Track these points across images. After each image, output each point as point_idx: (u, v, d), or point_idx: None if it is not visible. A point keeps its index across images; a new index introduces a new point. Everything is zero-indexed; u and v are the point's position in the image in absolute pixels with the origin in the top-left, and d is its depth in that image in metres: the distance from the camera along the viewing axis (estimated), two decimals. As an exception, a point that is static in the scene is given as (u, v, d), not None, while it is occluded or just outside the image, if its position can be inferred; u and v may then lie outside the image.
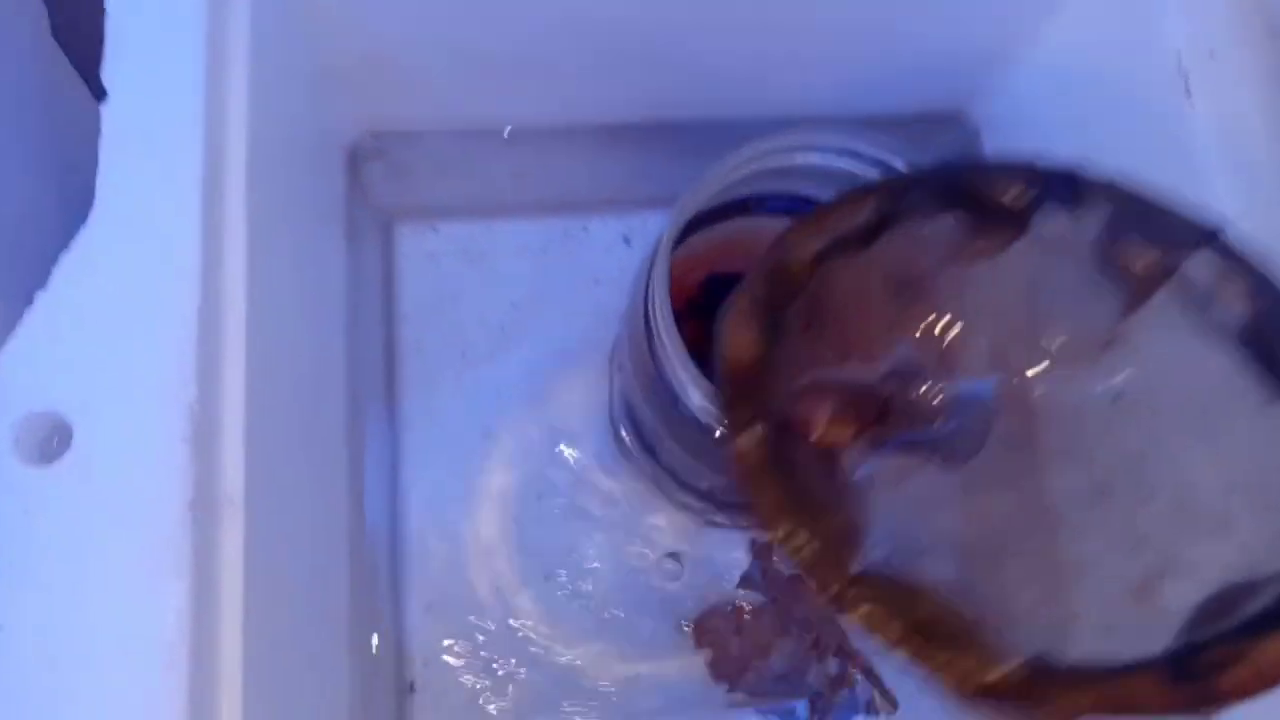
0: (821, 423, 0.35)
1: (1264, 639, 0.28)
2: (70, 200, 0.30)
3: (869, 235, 0.33)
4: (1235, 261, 0.31)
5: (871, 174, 0.41)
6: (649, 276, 0.37)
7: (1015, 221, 0.33)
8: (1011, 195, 0.33)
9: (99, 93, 0.30)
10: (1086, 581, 0.34)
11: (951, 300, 0.37)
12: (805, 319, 0.34)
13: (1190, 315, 0.32)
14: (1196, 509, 0.33)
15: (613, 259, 0.51)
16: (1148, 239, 0.32)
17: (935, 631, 0.28)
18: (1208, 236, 0.31)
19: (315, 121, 0.42)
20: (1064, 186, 0.33)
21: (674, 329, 0.34)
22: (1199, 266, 0.31)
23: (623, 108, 0.47)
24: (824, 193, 0.43)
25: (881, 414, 0.37)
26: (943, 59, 0.46)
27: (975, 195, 0.33)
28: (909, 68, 0.46)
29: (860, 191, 0.33)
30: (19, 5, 0.36)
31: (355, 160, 0.47)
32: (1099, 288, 0.33)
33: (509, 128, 0.48)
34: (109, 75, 0.29)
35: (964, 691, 0.28)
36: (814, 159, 0.40)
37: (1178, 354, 0.34)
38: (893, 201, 0.33)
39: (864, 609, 0.28)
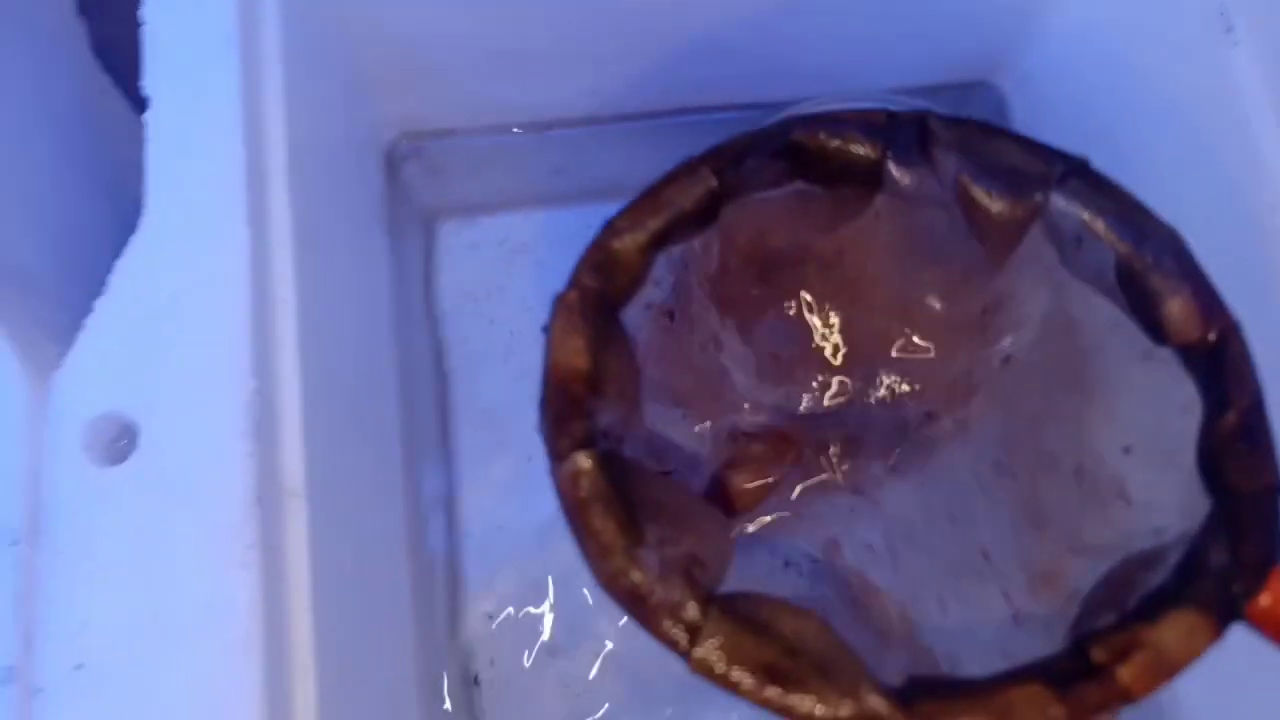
0: (748, 490, 0.34)
1: (1162, 620, 0.25)
2: (120, 211, 0.31)
3: (709, 211, 0.30)
4: (1102, 197, 0.28)
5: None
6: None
7: (866, 179, 0.30)
8: (853, 150, 0.29)
9: (140, 105, 0.31)
10: (988, 575, 0.32)
11: (823, 274, 0.35)
12: (669, 313, 0.32)
13: (1066, 263, 0.30)
14: (1096, 475, 0.31)
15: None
16: (1002, 180, 0.29)
17: (789, 671, 0.24)
18: (1068, 171, 0.29)
19: (350, 124, 0.42)
20: (909, 134, 0.29)
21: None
22: (1064, 206, 0.28)
23: (655, 95, 0.47)
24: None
25: (796, 452, 0.36)
26: (968, 23, 0.46)
27: (816, 155, 0.30)
28: (934, 35, 0.46)
29: (691, 163, 0.30)
30: (60, 24, 0.37)
31: (392, 161, 0.48)
32: (968, 241, 0.30)
33: (515, 128, 0.49)
34: (149, 86, 0.30)
35: None
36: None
37: (1059, 307, 0.32)
38: (728, 170, 0.29)
39: (709, 653, 0.24)
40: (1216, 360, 0.27)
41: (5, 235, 0.31)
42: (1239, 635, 0.25)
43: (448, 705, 0.43)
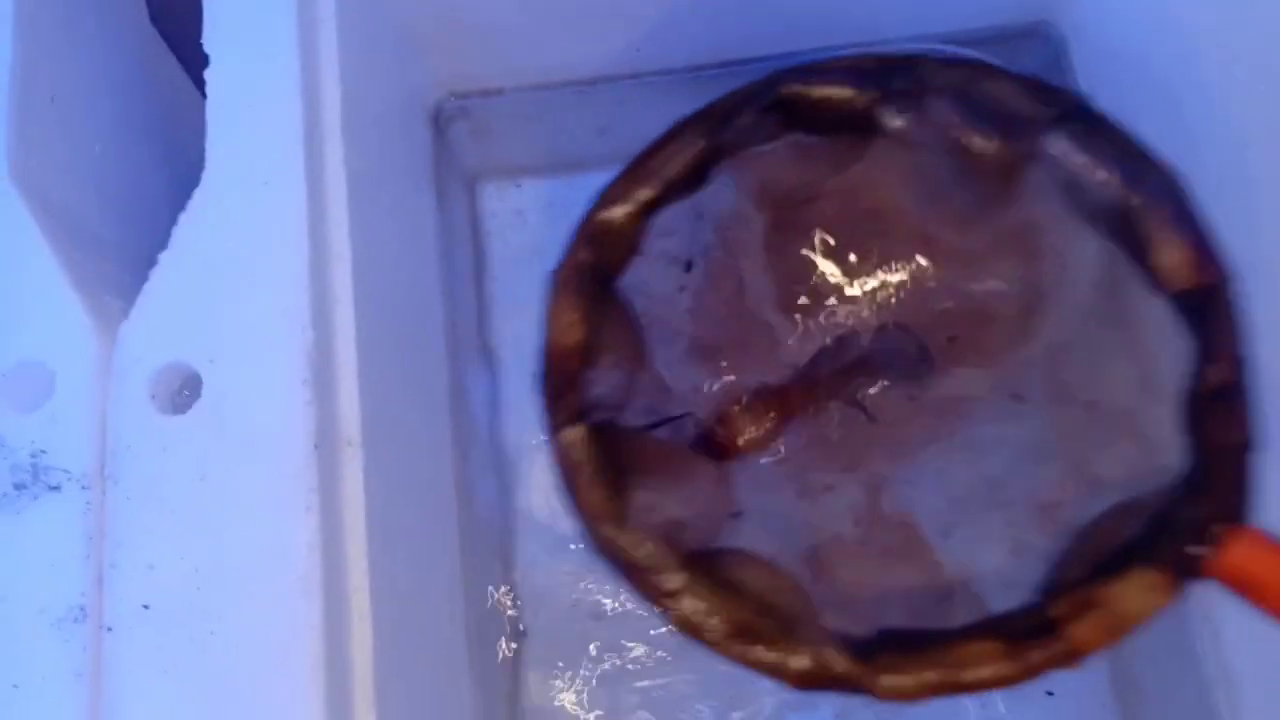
0: (743, 432, 0.34)
1: (1123, 577, 0.25)
2: (179, 175, 0.31)
3: (701, 171, 0.30)
4: (1098, 139, 0.28)
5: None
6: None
7: (861, 125, 0.30)
8: (844, 98, 0.29)
9: (198, 74, 0.31)
10: (994, 504, 0.32)
11: (837, 210, 0.34)
12: (686, 264, 0.32)
13: (1069, 203, 0.29)
14: (1109, 409, 0.30)
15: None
16: (994, 124, 0.28)
17: (758, 629, 0.26)
18: (1065, 114, 0.28)
19: (400, 83, 0.43)
20: (901, 79, 0.29)
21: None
22: (1058, 149, 0.28)
23: (700, 49, 0.47)
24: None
25: (805, 392, 0.35)
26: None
27: (807, 106, 0.29)
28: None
29: (679, 126, 0.30)
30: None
31: (439, 122, 0.48)
32: (969, 180, 0.30)
33: (559, 85, 0.49)
34: (210, 44, 0.31)
35: (789, 682, 0.26)
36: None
37: (1067, 244, 0.31)
38: (720, 130, 0.29)
39: (686, 609, 0.26)
40: (1206, 312, 0.26)
41: (72, 195, 0.32)
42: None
43: (501, 653, 0.44)
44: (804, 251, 0.35)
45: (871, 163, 0.32)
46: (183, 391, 0.29)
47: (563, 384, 0.27)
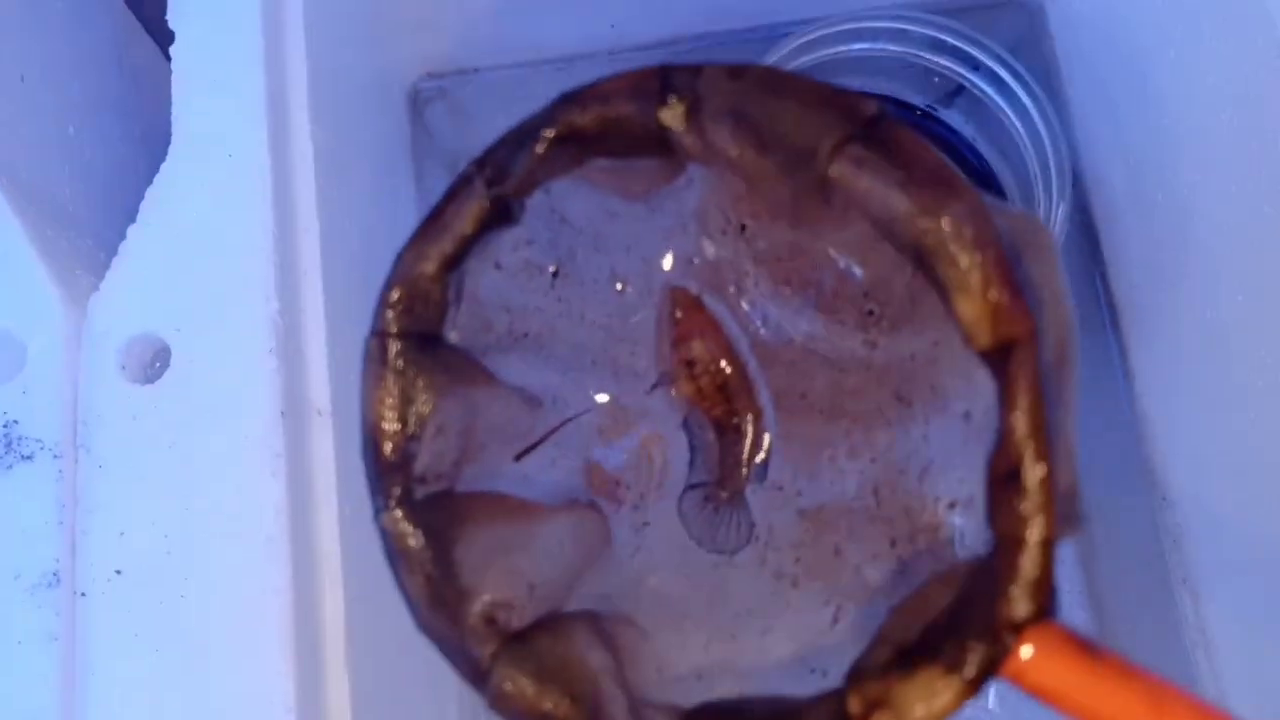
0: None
1: (914, 674, 0.22)
2: (151, 151, 0.32)
3: (501, 215, 0.28)
4: (889, 162, 0.23)
5: (929, 60, 0.40)
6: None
7: (661, 145, 0.26)
8: (631, 122, 0.26)
9: (166, 46, 0.32)
10: (878, 516, 0.30)
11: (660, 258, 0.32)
12: (553, 272, 0.30)
13: (879, 229, 0.25)
14: (983, 425, 0.26)
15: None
16: (777, 152, 0.25)
17: (562, 715, 0.25)
18: (851, 136, 0.24)
19: (372, 62, 0.43)
20: (681, 92, 0.25)
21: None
22: (846, 175, 0.24)
23: (677, 23, 0.47)
24: (890, 87, 0.43)
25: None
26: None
27: (596, 133, 0.27)
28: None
29: (467, 173, 0.28)
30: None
31: (417, 103, 0.48)
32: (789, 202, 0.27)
33: (536, 64, 0.49)
34: (174, 20, 0.31)
35: None
36: (864, 46, 0.40)
37: (887, 274, 0.28)
38: (507, 170, 0.27)
39: (497, 694, 0.25)
40: (1007, 375, 0.22)
41: (42, 171, 0.33)
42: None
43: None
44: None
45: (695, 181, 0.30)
46: (154, 363, 0.30)
47: (384, 466, 0.26)
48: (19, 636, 0.27)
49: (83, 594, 0.27)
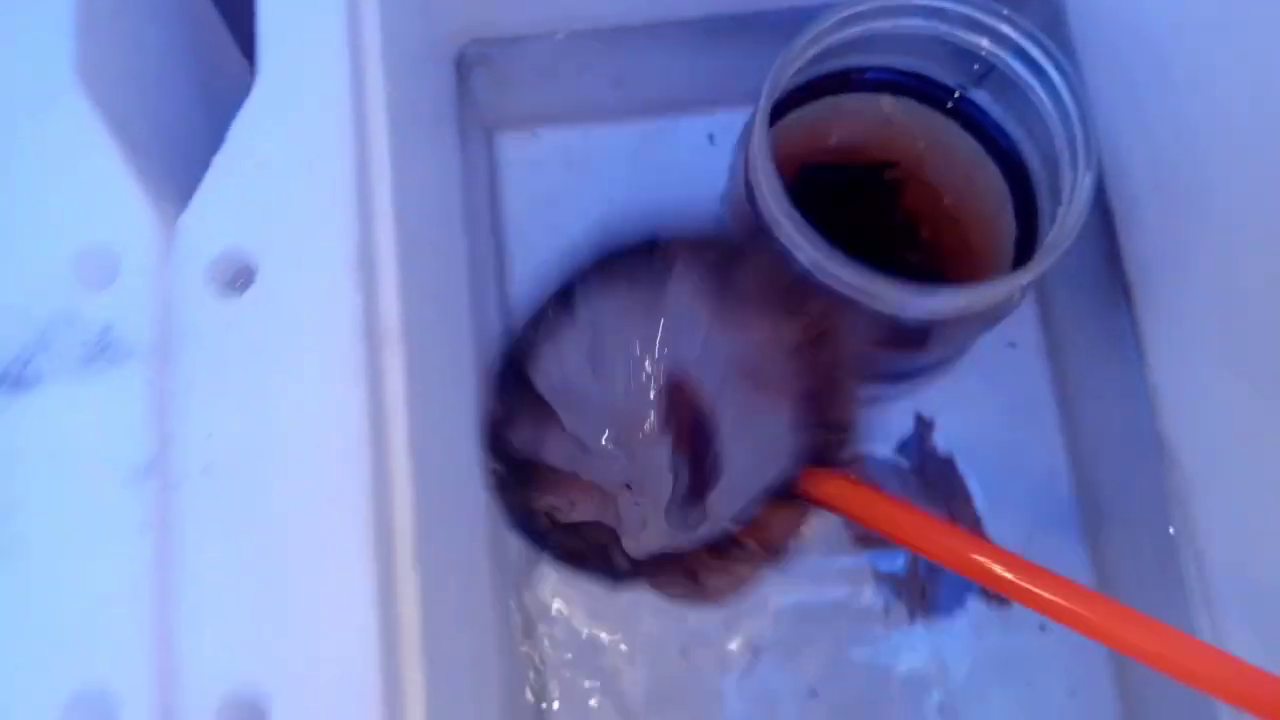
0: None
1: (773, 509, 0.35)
2: (240, 85, 0.33)
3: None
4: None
5: (962, 37, 0.42)
6: (749, 137, 0.39)
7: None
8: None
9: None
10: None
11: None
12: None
13: None
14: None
15: (701, 157, 0.54)
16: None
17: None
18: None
19: (430, 26, 0.45)
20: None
21: (776, 178, 0.37)
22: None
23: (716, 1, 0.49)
24: (921, 65, 0.45)
25: None
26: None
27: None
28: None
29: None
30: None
31: (462, 69, 0.50)
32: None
33: (578, 33, 0.51)
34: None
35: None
36: (897, 24, 0.42)
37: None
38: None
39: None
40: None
41: (135, 98, 0.34)
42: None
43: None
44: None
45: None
46: (237, 280, 0.31)
47: (491, 439, 0.38)
48: (114, 525, 0.28)
49: (175, 486, 0.29)
